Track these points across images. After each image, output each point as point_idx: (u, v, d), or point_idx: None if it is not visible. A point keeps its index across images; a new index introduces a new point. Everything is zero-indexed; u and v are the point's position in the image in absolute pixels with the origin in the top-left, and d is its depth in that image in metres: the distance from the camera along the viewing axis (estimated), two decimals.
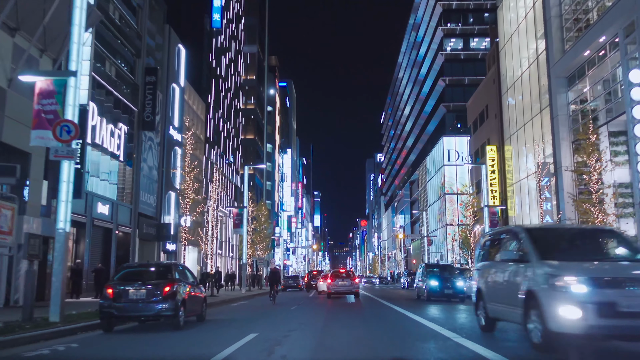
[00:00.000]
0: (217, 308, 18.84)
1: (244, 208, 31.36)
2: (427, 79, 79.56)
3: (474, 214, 38.88)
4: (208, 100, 43.78)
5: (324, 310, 16.71)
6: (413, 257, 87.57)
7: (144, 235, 29.06)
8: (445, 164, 67.46)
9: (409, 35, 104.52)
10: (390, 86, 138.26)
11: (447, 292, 21.77)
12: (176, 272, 11.04)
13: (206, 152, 42.68)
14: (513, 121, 42.90)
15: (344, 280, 25.46)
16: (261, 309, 17.93)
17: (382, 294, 30.47)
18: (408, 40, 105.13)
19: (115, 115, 25.52)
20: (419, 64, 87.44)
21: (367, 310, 16.75)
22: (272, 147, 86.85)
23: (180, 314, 10.29)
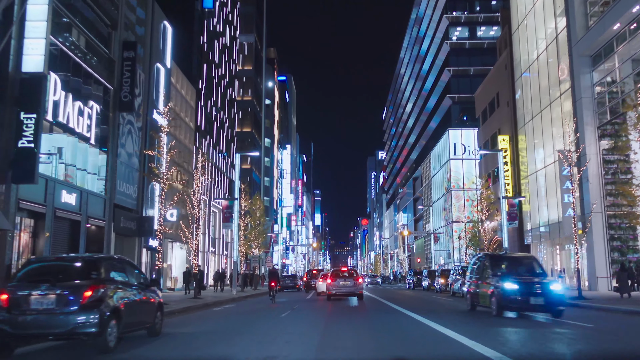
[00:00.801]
0: (194, 314, 15.78)
1: (234, 200, 28.26)
2: (431, 70, 76.53)
3: (487, 208, 35.65)
4: (199, 87, 40.66)
5: (321, 319, 13.57)
6: (417, 256, 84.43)
7: (122, 230, 25.97)
8: (451, 158, 64.34)
9: (410, 30, 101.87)
10: (392, 83, 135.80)
11: (535, 301, 13.61)
12: (108, 269, 7.86)
13: (196, 142, 39.57)
14: (528, 108, 39.77)
15: (346, 280, 22.37)
16: (246, 315, 14.84)
17: (390, 297, 27.30)
18: (410, 35, 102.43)
19: (86, 92, 22.43)
20: (422, 58, 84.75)
21: (375, 319, 13.59)
22: (271, 142, 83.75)
23: (110, 329, 7.19)
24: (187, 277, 24.95)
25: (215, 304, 20.08)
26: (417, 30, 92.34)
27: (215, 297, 24.44)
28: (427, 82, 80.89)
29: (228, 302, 21.84)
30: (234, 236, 28.68)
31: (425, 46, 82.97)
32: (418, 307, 17.90)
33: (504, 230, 27.60)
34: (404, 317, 13.62)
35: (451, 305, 18.97)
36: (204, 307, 18.29)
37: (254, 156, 51.50)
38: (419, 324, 11.78)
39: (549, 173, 35.23)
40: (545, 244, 38.17)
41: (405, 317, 13.62)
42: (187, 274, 25.61)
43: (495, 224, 39.63)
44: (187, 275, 25.24)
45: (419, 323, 11.85)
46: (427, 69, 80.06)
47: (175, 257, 35.76)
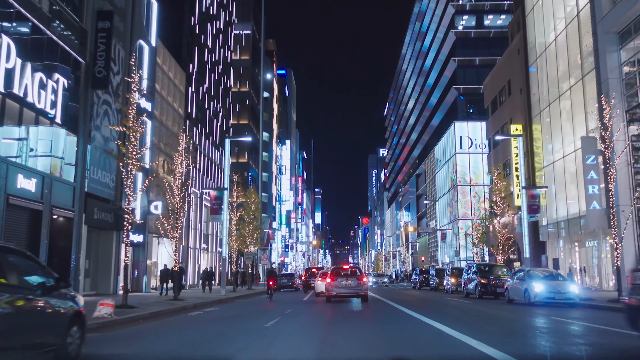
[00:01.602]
0: (162, 321, 12.97)
1: (224, 190, 25.42)
2: (435, 63, 73.74)
3: (502, 201, 32.74)
4: (190, 71, 37.81)
5: (317, 331, 10.61)
6: (420, 254, 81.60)
7: (97, 223, 23.16)
8: (457, 152, 61.48)
9: (413, 25, 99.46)
10: (393, 80, 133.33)
11: None
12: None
13: (186, 130, 36.69)
14: (543, 95, 36.90)
15: (348, 280, 19.51)
16: (224, 323, 11.99)
17: (398, 298, 24.41)
18: (412, 30, 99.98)
19: (50, 63, 19.60)
20: (425, 54, 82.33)
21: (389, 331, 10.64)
22: (269, 136, 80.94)
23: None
24: (165, 275, 22.08)
25: (195, 307, 17.25)
26: (419, 25, 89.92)
27: (200, 298, 21.62)
28: (430, 77, 78.54)
29: (212, 305, 19.00)
30: (224, 230, 25.82)
31: (428, 40, 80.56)
32: (436, 311, 15.05)
33: (524, 224, 24.77)
34: (427, 328, 10.66)
35: (478, 310, 16.11)
36: (179, 312, 15.47)
37: (246, 142, 48.44)
38: (453, 341, 8.77)
39: (569, 163, 32.38)
40: (562, 241, 35.31)
41: (428, 328, 10.66)
42: (165, 272, 22.74)
43: (508, 220, 36.70)
44: (165, 274, 22.38)
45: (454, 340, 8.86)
46: (431, 63, 77.46)
47: (162, 253, 32.95)
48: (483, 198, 61.39)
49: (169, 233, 20.88)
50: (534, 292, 17.22)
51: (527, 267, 23.14)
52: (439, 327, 10.46)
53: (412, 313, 13.94)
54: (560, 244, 35.68)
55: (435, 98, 74.72)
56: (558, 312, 14.52)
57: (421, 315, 13.07)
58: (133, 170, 15.87)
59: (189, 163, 21.01)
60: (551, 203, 35.85)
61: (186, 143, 20.92)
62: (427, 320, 11.74)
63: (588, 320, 12.24)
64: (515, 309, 16.19)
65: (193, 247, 38.75)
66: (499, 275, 23.64)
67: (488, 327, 10.96)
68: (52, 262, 20.19)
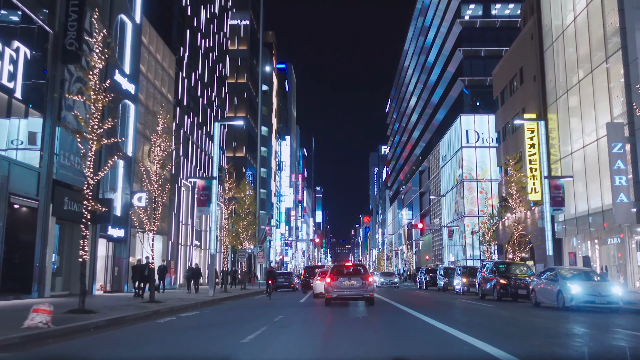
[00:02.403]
0: (119, 330, 10.42)
1: (212, 179, 22.84)
2: (440, 56, 71.16)
3: (518, 194, 30.14)
4: (180, 54, 35.24)
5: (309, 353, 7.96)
6: (424, 252, 79.01)
7: (68, 215, 20.63)
8: (464, 146, 58.85)
9: (415, 21, 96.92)
10: (395, 76, 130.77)
11: None
12: None
13: (177, 118, 34.17)
14: (560, 81, 34.32)
15: (351, 279, 16.91)
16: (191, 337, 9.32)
17: (407, 300, 21.79)
18: (415, 26, 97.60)
19: (8, 28, 17.04)
20: (428, 49, 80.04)
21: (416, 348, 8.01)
22: (268, 131, 78.37)
23: None
24: (139, 273, 19.38)
25: (171, 311, 14.67)
26: (422, 20, 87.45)
27: (182, 300, 19.06)
28: (433, 72, 76.31)
29: (193, 308, 16.43)
30: (212, 224, 23.24)
31: (431, 34, 78.19)
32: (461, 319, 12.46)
33: (546, 218, 22.20)
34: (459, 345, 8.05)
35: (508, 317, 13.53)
36: (149, 317, 12.89)
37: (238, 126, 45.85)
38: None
39: (590, 154, 29.79)
40: (580, 238, 32.70)
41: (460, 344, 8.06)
42: (137, 269, 19.92)
43: (519, 216, 33.99)
44: (137, 272, 19.66)
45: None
46: (435, 57, 75.04)
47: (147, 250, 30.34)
48: (490, 194, 58.93)
49: (146, 225, 18.29)
50: (570, 295, 14.64)
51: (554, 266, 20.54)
52: (475, 343, 7.91)
53: (432, 321, 11.33)
54: (578, 242, 33.09)
55: (439, 94, 72.40)
56: (610, 320, 11.96)
57: (446, 325, 10.41)
58: (93, 148, 13.27)
59: (171, 145, 18.42)
60: (569, 197, 33.17)
61: (166, 123, 18.34)
62: (456, 334, 9.15)
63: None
64: (552, 315, 13.61)
65: (184, 244, 36.21)
66: (518, 275, 21.07)
67: (544, 343, 8.40)
68: (12, 259, 17.67)
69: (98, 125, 13.24)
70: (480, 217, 56.93)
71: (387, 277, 46.76)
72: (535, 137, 36.84)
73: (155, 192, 17.91)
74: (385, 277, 46.18)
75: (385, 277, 46.18)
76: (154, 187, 17.86)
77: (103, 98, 13.36)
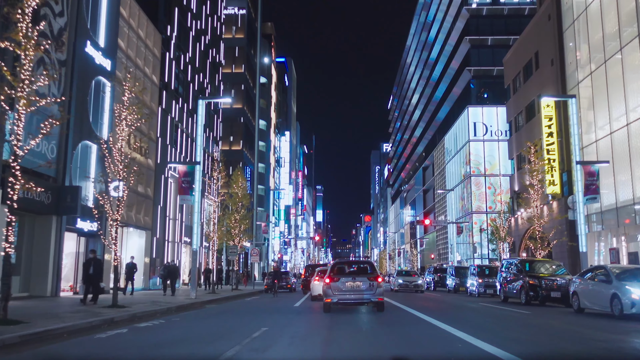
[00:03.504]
0: (38, 349, 7.47)
1: (195, 165, 19.93)
2: (445, 48, 68.32)
3: (540, 184, 27.18)
4: (167, 34, 32.31)
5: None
6: (428, 251, 76.05)
7: (25, 204, 17.67)
8: (471, 140, 55.86)
9: (418, 16, 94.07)
10: (397, 74, 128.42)
11: None
12: None
13: (163, 102, 31.25)
14: (582, 63, 31.40)
15: (355, 280, 13.90)
16: None
17: (420, 305, 18.84)
18: (417, 21, 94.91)
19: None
20: (432, 44, 77.59)
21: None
22: (267, 125, 75.42)
23: None
24: (93, 274, 15.70)
25: (130, 319, 11.73)
26: (425, 14, 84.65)
27: (154, 303, 16.12)
28: (437, 67, 73.88)
29: (162, 315, 13.48)
30: (194, 215, 20.31)
31: (435, 29, 75.61)
32: (511, 336, 9.50)
33: (579, 209, 19.22)
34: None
35: (565, 329, 10.57)
36: (95, 329, 9.95)
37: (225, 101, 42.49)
38: None
39: (619, 140, 26.85)
40: (604, 233, 29.72)
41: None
42: (88, 266, 15.90)
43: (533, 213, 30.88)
44: (87, 270, 15.71)
45: None
46: (439, 51, 72.39)
47: (127, 246, 27.48)
48: (499, 190, 55.96)
49: (109, 214, 15.34)
50: (630, 300, 11.69)
51: (602, 264, 17.57)
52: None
53: (471, 339, 8.35)
54: (602, 239, 30.12)
55: (443, 89, 69.72)
56: None
57: (499, 349, 7.45)
58: (23, 108, 10.29)
59: (140, 119, 15.46)
60: None
61: (132, 91, 15.39)
62: None
63: None
64: (613, 326, 10.65)
65: (171, 241, 33.30)
66: (547, 275, 18.12)
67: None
68: None
69: (30, 81, 10.27)
70: (488, 214, 54.16)
71: (406, 277, 33.09)
72: (553, 124, 33.92)
73: (120, 175, 14.96)
74: (404, 279, 32.81)
75: (404, 279, 32.81)
76: (117, 169, 14.92)
77: (35, 45, 10.38)
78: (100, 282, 15.47)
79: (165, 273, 22.56)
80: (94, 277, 15.07)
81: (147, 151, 28.38)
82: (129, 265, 21.51)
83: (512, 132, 44.05)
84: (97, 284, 15.10)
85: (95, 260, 15.51)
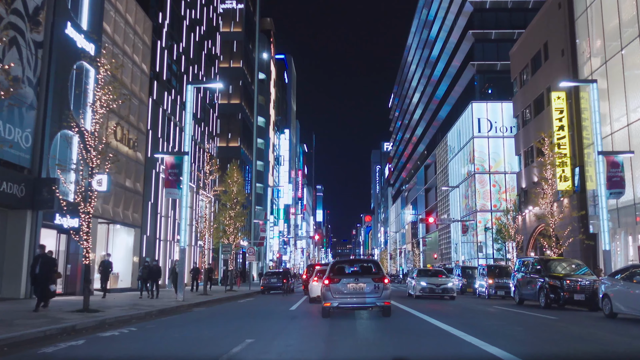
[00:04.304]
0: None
1: (183, 155, 18.34)
2: (448, 42, 66.61)
3: (554, 178, 25.56)
4: (159, 21, 30.70)
5: None
6: (430, 251, 74.43)
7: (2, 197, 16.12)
8: (475, 136, 54.25)
9: (419, 14, 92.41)
10: (398, 73, 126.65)
11: None
12: None
13: (154, 93, 29.64)
14: (596, 52, 29.81)
15: (358, 281, 12.26)
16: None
17: (434, 309, 17.23)
18: (419, 19, 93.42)
19: None
20: (433, 42, 76.03)
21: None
22: (266, 122, 73.78)
23: None
24: (39, 274, 13.31)
25: (98, 327, 10.10)
26: (426, 12, 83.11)
27: (134, 307, 14.47)
28: (438, 65, 72.43)
29: (139, 321, 11.86)
30: (182, 210, 18.69)
31: (436, 26, 74.14)
32: (553, 351, 7.90)
33: (602, 204, 17.60)
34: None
35: (621, 342, 8.95)
36: (45, 342, 8.30)
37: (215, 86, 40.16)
38: None
39: (637, 132, 25.24)
40: (619, 232, 28.09)
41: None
42: (35, 267, 13.49)
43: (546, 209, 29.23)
44: (34, 269, 13.44)
45: None
46: (441, 48, 70.84)
47: (114, 245, 25.86)
48: (504, 188, 54.39)
49: (80, 206, 13.72)
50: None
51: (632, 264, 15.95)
52: None
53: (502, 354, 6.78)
54: (617, 237, 28.48)
55: (445, 86, 68.21)
56: None
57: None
58: None
59: (115, 99, 13.85)
60: None
61: (107, 69, 13.79)
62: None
63: None
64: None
65: (163, 239, 31.68)
66: (570, 275, 16.48)
67: None
68: None
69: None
70: (493, 213, 52.54)
71: (431, 279, 24.44)
72: (564, 117, 32.32)
73: (93, 162, 13.35)
74: (427, 281, 24.09)
75: (427, 281, 24.09)
76: (90, 155, 13.31)
77: None
78: (51, 284, 13.55)
79: (144, 274, 20.56)
80: (40, 278, 13.03)
81: (136, 144, 26.77)
82: (105, 263, 19.66)
83: (520, 127, 42.44)
84: (44, 286, 13.08)
85: (44, 257, 13.43)
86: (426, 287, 23.48)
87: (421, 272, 25.89)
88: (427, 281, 23.82)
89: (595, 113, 19.79)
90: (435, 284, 23.48)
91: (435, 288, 23.33)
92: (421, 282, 23.83)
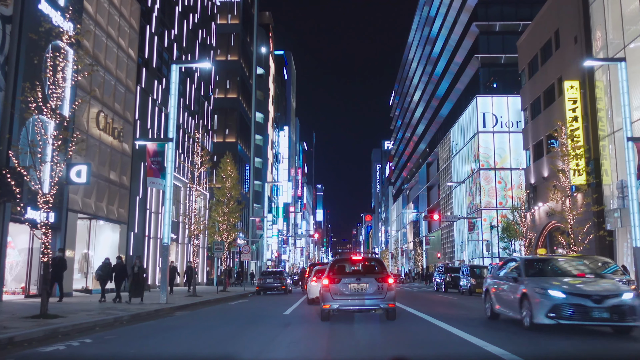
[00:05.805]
0: None
1: (168, 142, 16.56)
2: (450, 37, 64.86)
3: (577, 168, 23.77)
4: (148, 5, 28.91)
5: None
6: (432, 250, 72.64)
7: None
8: (480, 131, 52.46)
9: (420, 10, 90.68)
10: (399, 71, 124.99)
11: None
12: None
13: (142, 80, 27.84)
14: (612, 38, 28.03)
15: (360, 281, 10.59)
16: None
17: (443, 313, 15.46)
18: (420, 16, 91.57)
19: None
20: (435, 38, 74.18)
21: None
22: (264, 118, 71.99)
23: None
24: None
25: (23, 344, 8.30)
26: (427, 9, 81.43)
27: (103, 311, 12.69)
28: (440, 61, 70.85)
29: (98, 330, 10.04)
30: (166, 202, 16.91)
31: (438, 22, 72.44)
32: None
33: (632, 195, 15.80)
34: None
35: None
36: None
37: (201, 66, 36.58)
38: None
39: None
40: None
41: None
42: None
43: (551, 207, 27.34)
44: None
45: None
46: (443, 43, 69.19)
47: (97, 242, 24.07)
48: (510, 184, 52.65)
49: (40, 196, 11.93)
50: None
51: None
52: None
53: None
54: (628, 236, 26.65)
55: (447, 83, 66.64)
56: None
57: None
58: None
59: (80, 70, 12.05)
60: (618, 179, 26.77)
61: (71, 36, 12.02)
62: None
63: None
64: None
65: (153, 237, 29.90)
66: None
67: None
68: None
69: None
70: (498, 210, 50.81)
71: (571, 281, 10.29)
72: (578, 107, 30.52)
73: (55, 144, 11.58)
74: (568, 286, 9.79)
75: (568, 286, 9.79)
76: (47, 135, 11.54)
77: None
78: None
79: (103, 273, 17.52)
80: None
81: (122, 134, 24.98)
82: (56, 259, 16.89)
83: (528, 121, 40.65)
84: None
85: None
86: (568, 302, 9.22)
87: (537, 267, 11.43)
88: (568, 289, 9.52)
89: (624, 95, 17.96)
90: (592, 295, 9.22)
91: (595, 306, 9.06)
92: (550, 292, 9.47)
